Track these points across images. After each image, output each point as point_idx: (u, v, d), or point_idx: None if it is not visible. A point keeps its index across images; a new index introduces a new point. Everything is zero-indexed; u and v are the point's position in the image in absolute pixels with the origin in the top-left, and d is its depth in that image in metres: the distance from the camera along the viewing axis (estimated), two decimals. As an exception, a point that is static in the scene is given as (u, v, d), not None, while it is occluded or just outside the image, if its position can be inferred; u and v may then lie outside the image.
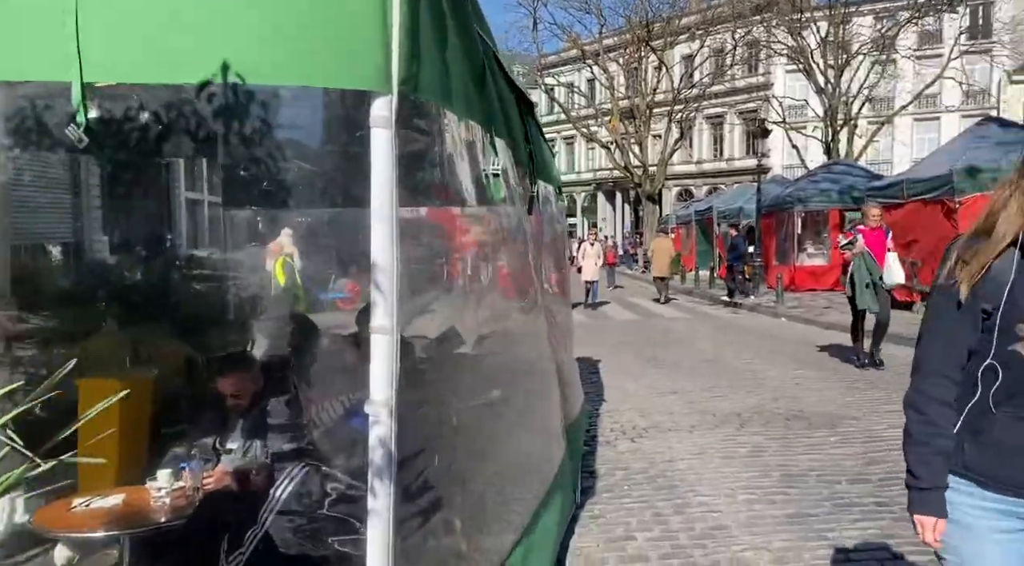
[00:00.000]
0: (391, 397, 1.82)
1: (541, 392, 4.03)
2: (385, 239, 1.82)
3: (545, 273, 4.80)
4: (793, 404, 6.52)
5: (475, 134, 2.54)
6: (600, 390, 7.58)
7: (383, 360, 1.82)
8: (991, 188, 9.12)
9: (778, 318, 13.46)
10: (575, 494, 4.27)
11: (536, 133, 4.46)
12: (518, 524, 3.29)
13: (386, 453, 1.81)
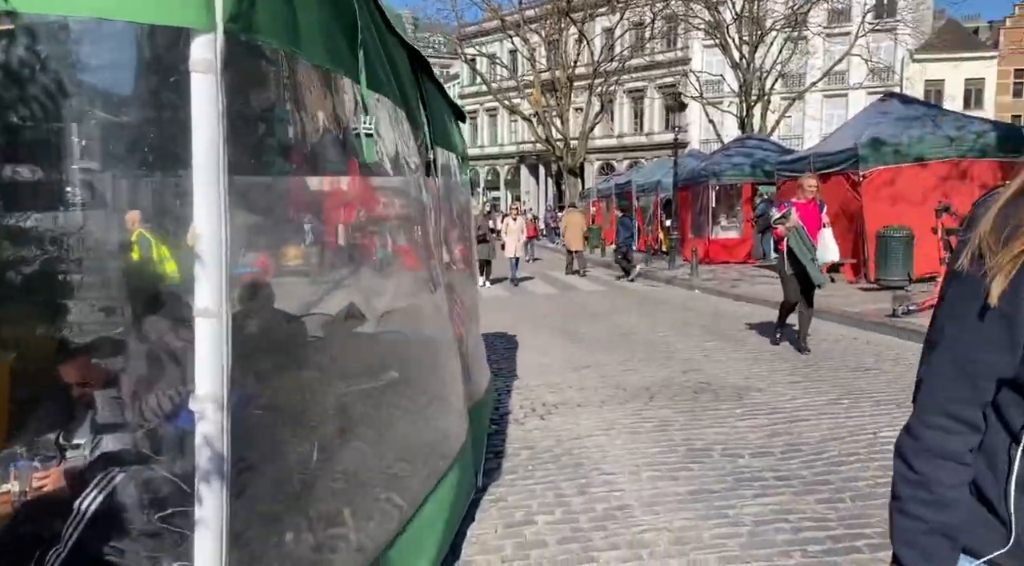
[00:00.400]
0: (221, 391, 1.56)
1: (442, 372, 3.82)
2: (211, 206, 1.55)
3: (447, 246, 4.57)
4: (701, 377, 6.53)
5: (342, 88, 2.28)
6: (513, 366, 7.43)
7: (209, 348, 1.56)
8: (892, 161, 9.37)
9: (693, 290, 13.64)
10: (476, 477, 4.10)
11: (435, 97, 4.19)
12: (406, 512, 3.09)
13: (215, 455, 1.56)
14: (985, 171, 11.65)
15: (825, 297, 10.58)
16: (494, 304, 12.79)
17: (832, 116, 42.09)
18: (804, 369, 6.65)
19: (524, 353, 8.08)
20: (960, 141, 11.70)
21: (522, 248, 16.74)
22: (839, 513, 3.45)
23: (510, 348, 8.45)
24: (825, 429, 4.80)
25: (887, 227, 10.56)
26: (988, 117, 20.81)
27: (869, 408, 5.26)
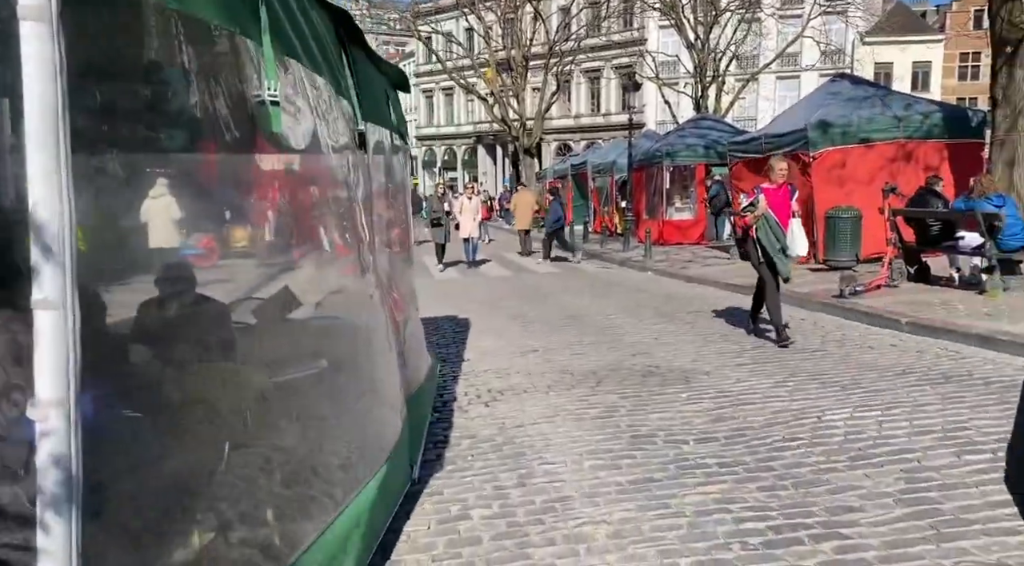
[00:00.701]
0: (66, 395, 1.35)
1: (375, 360, 3.62)
2: (47, 181, 1.32)
3: (380, 228, 4.35)
4: (650, 360, 6.44)
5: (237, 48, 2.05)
6: (461, 351, 7.26)
7: (51, 345, 1.34)
8: (841, 142, 9.38)
9: (646, 272, 13.61)
10: (413, 469, 3.93)
11: (366, 68, 3.95)
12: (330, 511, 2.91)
13: (60, 470, 1.35)
14: (931, 152, 11.79)
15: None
16: (446, 287, 12.61)
17: (785, 97, 42.63)
18: (751, 351, 6.60)
19: (473, 337, 7.91)
20: (907, 122, 11.80)
21: (477, 229, 16.29)
22: (781, 501, 3.36)
23: (459, 331, 8.28)
24: (770, 413, 4.74)
25: (835, 208, 10.62)
26: (934, 99, 21.15)
27: (814, 390, 5.21)
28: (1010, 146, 10.36)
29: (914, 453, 3.84)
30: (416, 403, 4.36)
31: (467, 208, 15.86)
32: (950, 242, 8.55)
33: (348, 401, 3.34)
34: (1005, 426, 4.14)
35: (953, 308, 7.40)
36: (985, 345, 6.08)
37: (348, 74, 3.20)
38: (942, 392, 4.95)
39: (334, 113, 2.99)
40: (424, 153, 62.19)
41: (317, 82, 2.75)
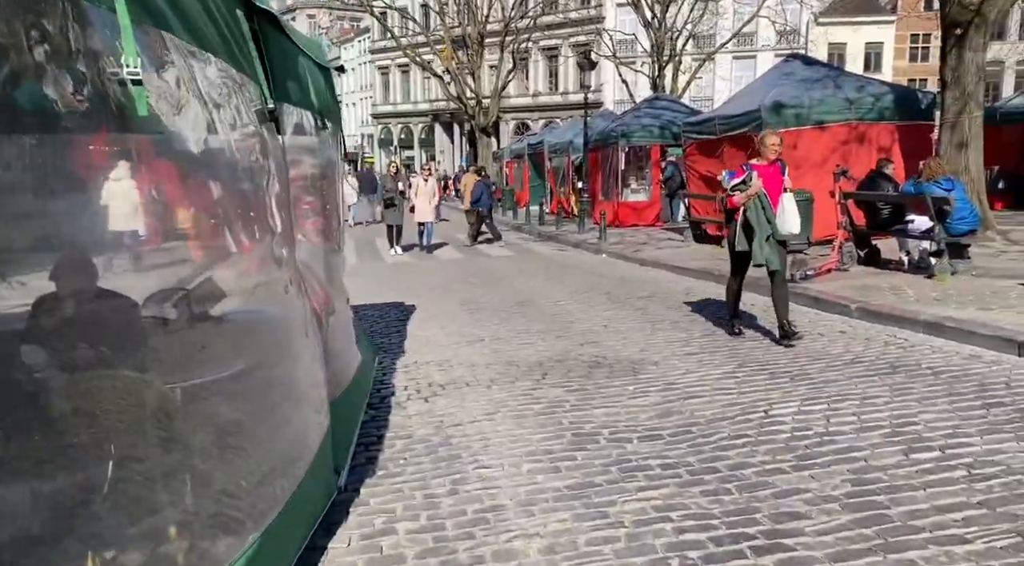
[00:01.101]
0: None
1: (292, 362, 3.34)
2: None
3: (300, 216, 4.05)
4: (598, 350, 6.26)
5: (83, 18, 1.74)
6: (404, 340, 6.99)
7: None
8: (794, 124, 9.27)
9: (600, 255, 13.46)
10: (340, 476, 3.67)
11: (281, 45, 3.62)
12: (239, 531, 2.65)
13: None
14: (882, 134, 11.80)
15: (725, 261, 10.56)
16: (396, 271, 12.29)
17: (741, 77, 42.83)
18: (701, 339, 6.47)
19: (419, 325, 7.64)
20: (859, 104, 11.77)
21: (433, 213, 15.48)
22: (724, 507, 3.19)
23: (403, 320, 8.00)
24: (717, 407, 4.59)
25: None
26: (885, 80, 21.31)
27: (763, 382, 5.08)
28: (960, 128, 10.40)
29: (861, 451, 3.72)
30: (344, 404, 4.10)
31: (423, 190, 15.04)
32: (900, 226, 8.53)
33: (262, 408, 3.06)
34: (953, 420, 4.06)
35: (902, 293, 7.36)
36: (933, 332, 6.03)
37: (253, 51, 2.88)
38: (890, 383, 4.85)
39: (233, 94, 2.68)
40: (380, 131, 61.17)
41: (207, 58, 2.44)
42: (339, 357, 4.21)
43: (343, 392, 4.12)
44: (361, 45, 64.59)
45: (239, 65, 2.79)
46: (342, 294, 4.92)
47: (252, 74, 2.98)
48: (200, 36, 2.42)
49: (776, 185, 6.27)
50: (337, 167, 5.20)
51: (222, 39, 2.64)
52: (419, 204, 14.96)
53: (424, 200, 14.93)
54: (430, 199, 15.03)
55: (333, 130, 5.01)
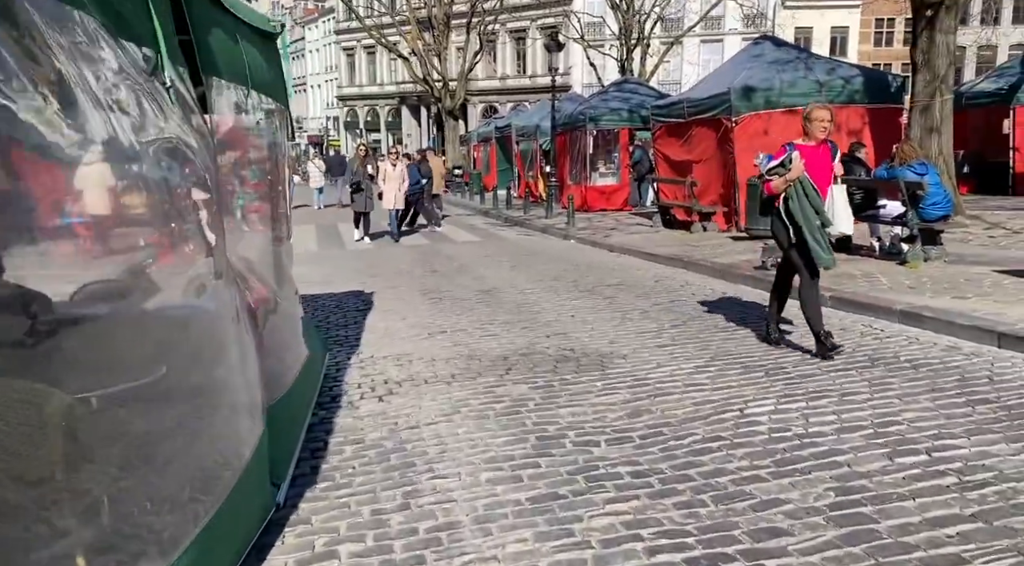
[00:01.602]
0: None
1: (216, 363, 2.98)
2: None
3: (234, 202, 3.67)
4: (565, 342, 5.97)
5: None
6: (361, 333, 6.63)
7: None
8: (764, 107, 9.02)
9: (568, 241, 13.18)
10: (279, 491, 3.33)
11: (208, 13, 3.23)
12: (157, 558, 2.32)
13: None
14: (853, 118, 11.65)
15: (695, 247, 10.35)
16: (356, 258, 11.87)
17: (709, 61, 43.01)
18: (671, 330, 6.21)
19: (377, 316, 7.28)
20: (829, 87, 11.60)
21: (403, 200, 14.50)
22: (699, 522, 2.92)
23: (362, 310, 7.63)
24: (690, 405, 4.32)
25: (756, 175, 10.32)
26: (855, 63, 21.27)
27: (736, 376, 4.83)
28: (931, 112, 10.27)
29: (844, 455, 3.47)
30: (285, 408, 3.74)
31: (391, 176, 14.03)
32: (871, 211, 8.36)
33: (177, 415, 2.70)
34: (938, 420, 3.84)
35: (875, 281, 7.19)
36: (909, 322, 5.84)
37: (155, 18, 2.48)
38: (868, 377, 4.64)
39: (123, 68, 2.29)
40: (346, 114, 60.11)
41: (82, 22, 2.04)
42: (280, 355, 3.85)
43: (284, 394, 3.77)
44: (326, 25, 63.25)
45: (125, 25, 2.39)
46: (288, 286, 4.54)
47: (163, 48, 2.59)
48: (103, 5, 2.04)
49: (825, 172, 5.21)
50: (283, 149, 4.80)
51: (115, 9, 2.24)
52: (387, 191, 14.10)
53: (392, 186, 14.04)
54: (399, 184, 14.11)
55: (279, 109, 4.62)
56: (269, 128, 4.22)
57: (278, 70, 4.78)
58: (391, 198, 14.03)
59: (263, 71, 4.18)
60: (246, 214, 3.78)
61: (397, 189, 13.99)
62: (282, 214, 4.51)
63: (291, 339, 4.21)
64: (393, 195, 13.98)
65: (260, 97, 4.02)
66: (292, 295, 4.60)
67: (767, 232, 10.20)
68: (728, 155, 11.74)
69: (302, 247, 13.53)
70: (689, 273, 8.94)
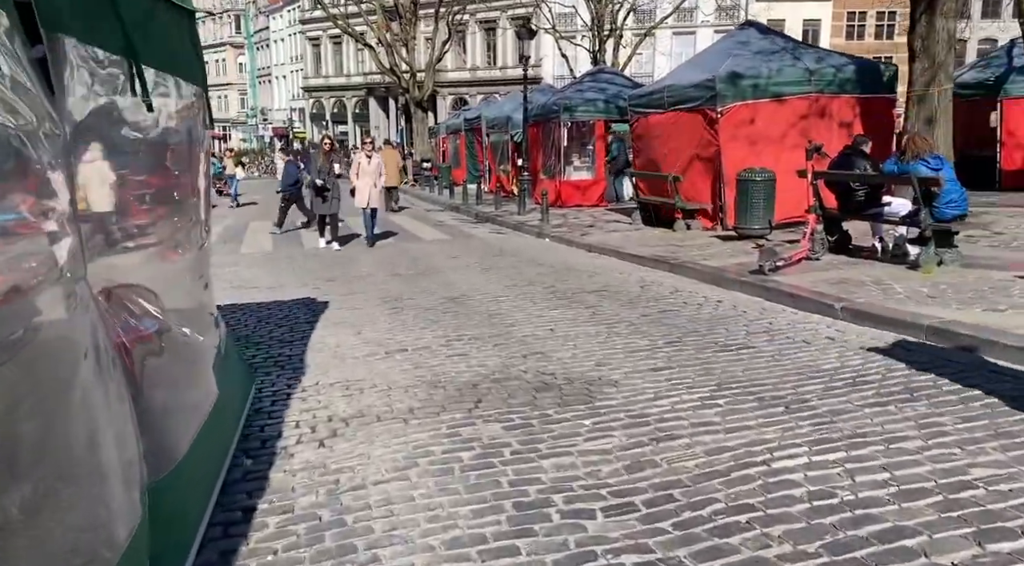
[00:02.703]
0: None
1: (60, 430, 2.08)
2: None
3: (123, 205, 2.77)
4: (544, 363, 5.12)
5: None
6: (305, 352, 5.72)
7: None
8: (751, 97, 8.26)
9: (543, 239, 12.34)
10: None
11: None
12: None
13: None
14: (844, 108, 10.97)
15: (679, 247, 9.58)
16: (312, 260, 10.88)
17: (681, 53, 42.71)
18: (666, 348, 5.39)
19: (327, 330, 6.37)
20: (819, 76, 10.90)
21: (379, 198, 12.70)
22: (744, 655, 2.10)
23: (312, 322, 6.72)
24: (702, 454, 3.51)
25: (748, 169, 9.59)
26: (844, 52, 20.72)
27: (752, 412, 4.03)
28: (929, 102, 9.61)
29: (914, 536, 2.67)
30: (180, 478, 2.84)
31: (365, 171, 12.15)
32: (876, 209, 7.65)
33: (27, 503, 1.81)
34: (1020, 479, 3.06)
35: (889, 288, 6.45)
36: (939, 339, 5.09)
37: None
38: (913, 416, 3.86)
39: None
40: (312, 106, 58.55)
41: None
42: (173, 408, 2.95)
43: (181, 460, 2.87)
44: (291, 15, 61.53)
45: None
46: (198, 310, 3.63)
47: None
48: None
49: None
50: (199, 140, 3.87)
51: None
52: (360, 187, 12.13)
53: (367, 183, 12.12)
54: (374, 180, 12.22)
55: (192, 92, 3.70)
56: (172, 113, 3.30)
57: (190, 46, 3.85)
58: (365, 195, 12.15)
59: (161, 41, 3.26)
60: (131, 219, 2.86)
61: (372, 185, 12.17)
62: (192, 217, 3.59)
63: (193, 381, 3.30)
64: (368, 192, 12.12)
65: (158, 75, 3.11)
66: (204, 318, 3.68)
67: (759, 231, 9.52)
68: (713, 147, 10.98)
69: (256, 247, 12.52)
70: (676, 277, 8.15)
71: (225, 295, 8.19)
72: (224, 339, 4.34)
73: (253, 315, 7.15)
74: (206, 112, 4.12)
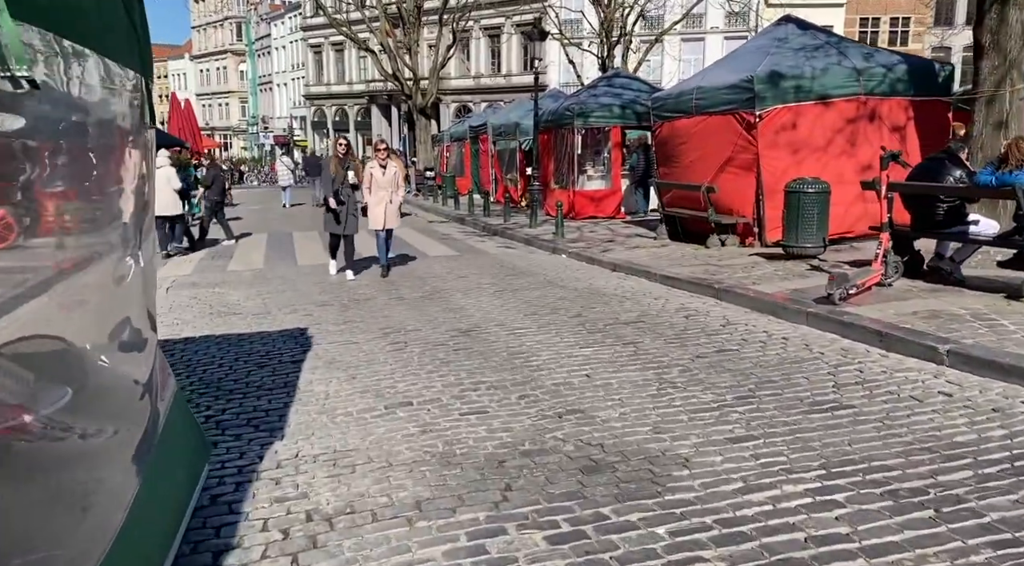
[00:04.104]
0: None
1: None
2: None
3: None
4: (587, 428, 4.01)
5: None
6: (286, 404, 4.62)
7: None
8: (793, 99, 7.11)
9: (559, 255, 11.24)
10: None
11: None
12: None
13: None
14: (896, 111, 9.89)
15: (719, 267, 8.46)
16: (306, 280, 9.70)
17: (690, 60, 41.93)
18: (739, 407, 4.28)
19: (316, 373, 5.27)
20: (868, 76, 9.82)
21: (397, 216, 9.94)
22: None
23: (298, 361, 5.62)
24: (846, 599, 2.40)
25: (798, 180, 8.48)
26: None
27: (889, 515, 2.92)
28: (1000, 104, 8.53)
29: None
30: None
31: (379, 183, 9.53)
32: (960, 227, 6.54)
33: None
34: None
35: (995, 324, 5.34)
36: (1095, 398, 3.98)
37: None
38: None
39: None
40: (313, 113, 57.62)
41: None
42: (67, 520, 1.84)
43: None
44: (292, 22, 60.73)
45: None
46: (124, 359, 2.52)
47: None
48: None
49: None
50: (133, 140, 2.78)
51: None
52: (374, 203, 9.59)
53: (383, 197, 9.57)
54: (390, 194, 9.63)
55: (123, 75, 2.63)
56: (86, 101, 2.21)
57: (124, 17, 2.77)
58: (380, 215, 9.57)
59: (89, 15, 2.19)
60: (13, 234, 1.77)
61: (388, 201, 9.61)
62: (121, 232, 2.50)
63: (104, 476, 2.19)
64: (383, 209, 9.58)
65: (56, 42, 2.02)
66: (137, 375, 2.56)
67: (811, 250, 8.40)
68: (749, 154, 9.90)
69: (246, 264, 11.42)
70: (724, 305, 7.04)
71: (203, 324, 7.11)
72: (170, 401, 3.24)
73: (232, 350, 6.06)
74: (147, 106, 3.04)
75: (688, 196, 10.96)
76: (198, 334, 6.71)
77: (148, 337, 2.96)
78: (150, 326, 3.04)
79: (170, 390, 3.34)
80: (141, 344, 2.85)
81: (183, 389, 4.81)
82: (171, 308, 8.00)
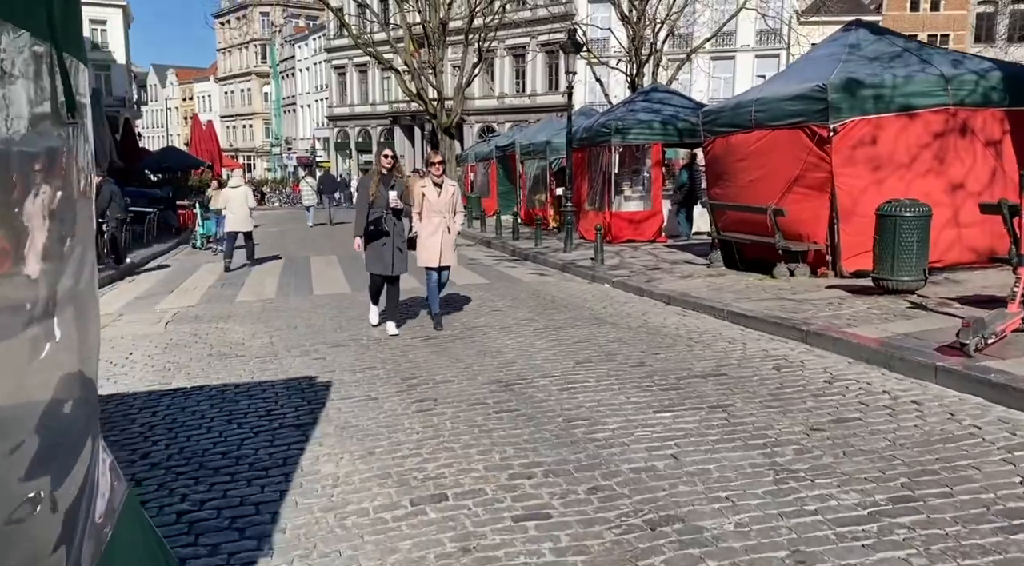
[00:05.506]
0: None
1: None
2: None
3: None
4: (695, 550, 2.85)
5: None
6: (283, 492, 3.52)
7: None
8: (872, 110, 5.89)
9: (599, 284, 10.10)
10: None
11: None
12: None
13: None
14: (991, 123, 8.69)
15: (797, 303, 7.13)
16: (320, 314, 8.58)
17: (720, 79, 41.03)
18: (901, 516, 3.09)
19: (323, 445, 4.16)
20: (957, 84, 8.63)
21: (452, 248, 7.53)
22: None
23: (303, 425, 4.51)
24: None
25: (893, 202, 7.28)
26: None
27: None
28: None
29: None
30: None
31: (434, 206, 7.30)
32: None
33: None
34: None
35: None
36: None
37: None
38: None
39: None
40: (337, 134, 57.21)
41: None
42: None
43: None
44: (316, 43, 60.60)
45: None
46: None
47: None
48: None
49: None
50: (43, 133, 1.69)
51: None
52: (426, 232, 7.33)
53: (436, 225, 7.32)
54: (447, 223, 7.37)
55: (23, 46, 1.56)
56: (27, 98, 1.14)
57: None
58: (436, 248, 7.31)
59: None
60: None
61: (445, 230, 7.35)
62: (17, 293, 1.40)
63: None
64: (439, 240, 7.31)
65: None
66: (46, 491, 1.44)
67: (910, 283, 7.07)
68: (822, 173, 8.73)
69: (256, 294, 10.40)
70: (819, 352, 5.85)
71: (198, 369, 6.06)
72: (119, 512, 2.13)
73: (226, 408, 4.99)
74: (67, 93, 1.96)
75: (748, 219, 9.78)
76: (190, 384, 5.66)
77: (77, 441, 1.86)
78: (83, 423, 1.95)
79: (119, 498, 2.23)
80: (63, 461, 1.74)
81: (140, 485, 3.73)
82: (166, 348, 6.98)
